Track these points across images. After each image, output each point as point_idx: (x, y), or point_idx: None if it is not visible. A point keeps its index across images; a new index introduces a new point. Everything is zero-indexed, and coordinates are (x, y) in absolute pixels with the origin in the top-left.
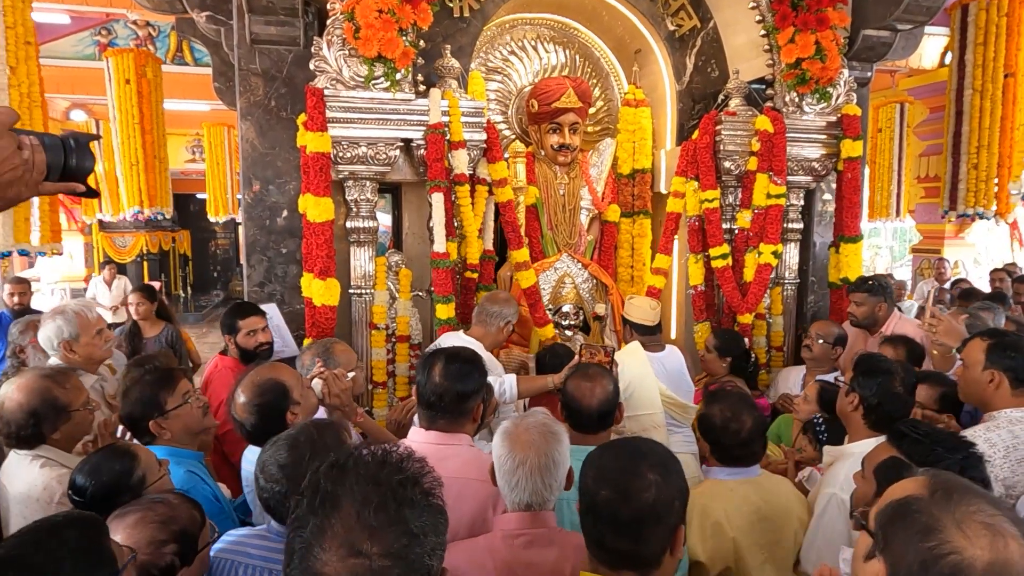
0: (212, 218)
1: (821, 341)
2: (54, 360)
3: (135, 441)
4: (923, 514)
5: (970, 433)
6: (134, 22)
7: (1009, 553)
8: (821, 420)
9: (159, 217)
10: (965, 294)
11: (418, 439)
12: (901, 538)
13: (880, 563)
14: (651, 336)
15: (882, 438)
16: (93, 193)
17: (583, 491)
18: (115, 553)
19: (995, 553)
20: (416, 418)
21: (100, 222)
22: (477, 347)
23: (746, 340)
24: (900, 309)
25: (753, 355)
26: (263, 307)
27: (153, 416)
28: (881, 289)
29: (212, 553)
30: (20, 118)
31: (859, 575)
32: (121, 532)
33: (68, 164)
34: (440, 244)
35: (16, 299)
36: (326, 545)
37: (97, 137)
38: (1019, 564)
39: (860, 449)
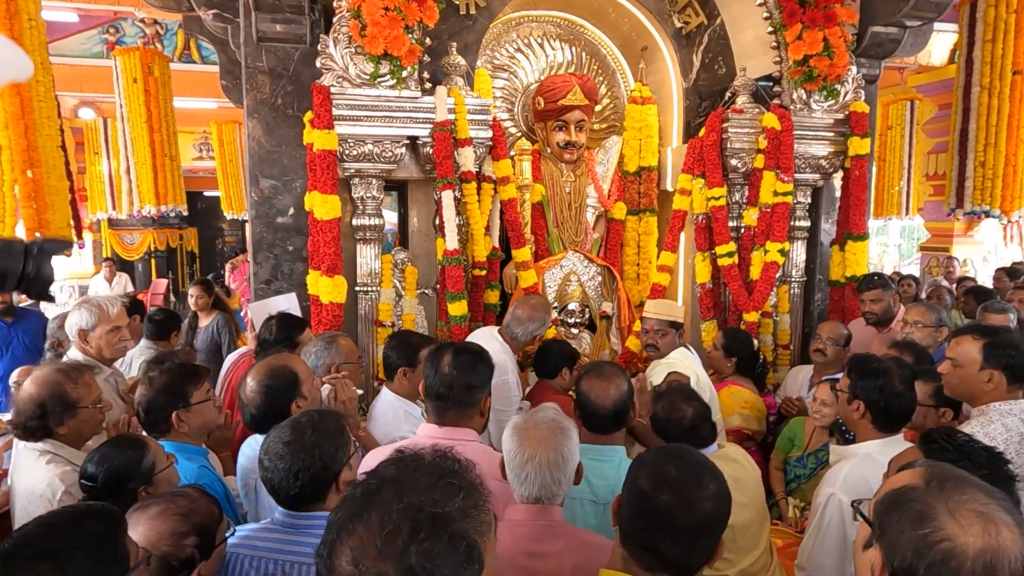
0: (228, 214)
1: (832, 344)
2: (73, 349)
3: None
4: (918, 503)
5: (968, 429)
6: (141, 20)
7: (1001, 540)
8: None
9: (171, 214)
10: (974, 292)
11: (426, 433)
12: (896, 526)
13: (876, 551)
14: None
15: (890, 438)
16: (48, 298)
17: (635, 494)
18: (129, 551)
19: (987, 540)
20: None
21: (109, 220)
22: (504, 348)
23: (756, 342)
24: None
25: (761, 356)
26: (281, 297)
27: (177, 407)
28: (891, 282)
29: None
30: None
31: (857, 563)
32: (143, 524)
33: (26, 271)
34: (452, 241)
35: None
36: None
37: (69, 245)
38: (1011, 551)
39: (865, 449)
